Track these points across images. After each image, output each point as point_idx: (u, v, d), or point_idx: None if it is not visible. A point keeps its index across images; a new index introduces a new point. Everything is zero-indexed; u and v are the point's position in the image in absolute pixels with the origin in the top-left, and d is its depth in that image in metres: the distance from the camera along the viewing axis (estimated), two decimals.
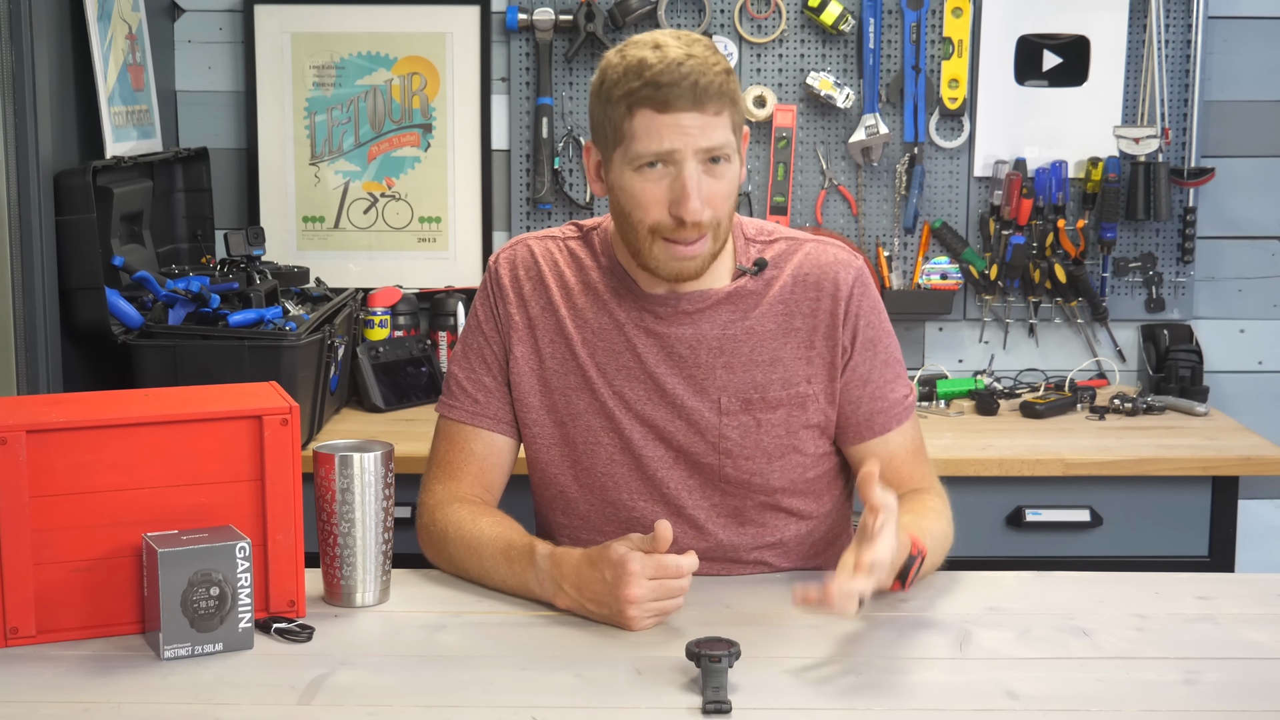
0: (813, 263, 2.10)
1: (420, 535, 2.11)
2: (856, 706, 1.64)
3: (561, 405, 2.10)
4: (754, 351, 2.08)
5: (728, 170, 1.97)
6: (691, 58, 1.93)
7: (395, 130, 3.55)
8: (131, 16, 3.23)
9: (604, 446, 2.09)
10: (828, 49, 3.50)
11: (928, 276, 3.53)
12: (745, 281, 2.09)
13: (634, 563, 1.82)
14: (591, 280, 2.10)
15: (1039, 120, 3.53)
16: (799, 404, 2.09)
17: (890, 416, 2.12)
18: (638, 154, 1.95)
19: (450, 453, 2.13)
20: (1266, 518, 3.61)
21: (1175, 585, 2.04)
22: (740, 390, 2.07)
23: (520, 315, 2.12)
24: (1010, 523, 3.02)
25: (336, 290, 3.37)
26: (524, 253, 2.15)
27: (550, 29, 3.45)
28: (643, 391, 2.08)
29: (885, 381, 2.11)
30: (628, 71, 1.95)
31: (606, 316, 2.09)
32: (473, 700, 1.65)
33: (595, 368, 2.09)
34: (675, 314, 2.07)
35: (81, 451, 1.78)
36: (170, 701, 1.65)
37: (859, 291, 2.10)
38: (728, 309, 2.08)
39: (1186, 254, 3.53)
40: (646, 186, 1.96)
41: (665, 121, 1.93)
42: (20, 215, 2.67)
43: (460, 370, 2.15)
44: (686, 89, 1.91)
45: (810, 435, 2.10)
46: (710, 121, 1.93)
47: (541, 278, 2.13)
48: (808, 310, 2.09)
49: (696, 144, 1.93)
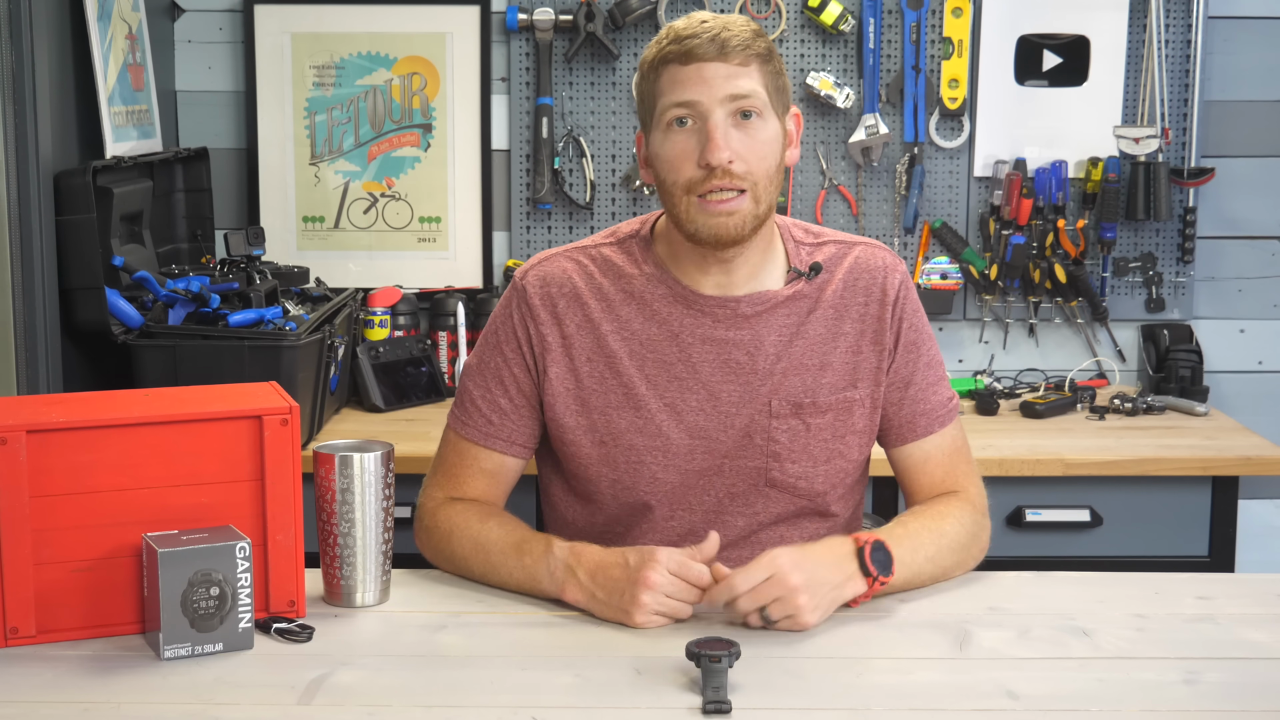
0: (863, 267, 2.09)
1: (419, 535, 2.10)
2: (856, 706, 1.64)
3: (601, 425, 2.06)
4: (805, 355, 2.06)
5: (762, 127, 1.95)
6: (719, 19, 1.96)
7: (395, 130, 3.55)
8: (131, 16, 3.23)
9: (646, 466, 2.06)
10: (828, 49, 3.50)
11: (928, 276, 3.53)
12: (801, 285, 2.07)
13: (662, 552, 1.83)
14: (635, 289, 2.06)
15: (1039, 120, 3.53)
16: (846, 408, 2.07)
17: (933, 419, 2.11)
18: (664, 109, 1.95)
19: (458, 466, 2.11)
20: (1266, 518, 3.61)
21: (1175, 585, 2.03)
22: (792, 394, 2.05)
23: (554, 334, 2.07)
24: (1010, 523, 3.02)
25: (336, 290, 3.37)
26: (555, 269, 2.09)
27: (550, 29, 3.45)
28: (695, 401, 2.05)
29: (928, 384, 2.10)
30: (659, 40, 1.99)
31: (656, 326, 2.05)
32: (473, 700, 1.65)
33: (645, 380, 2.05)
34: (734, 317, 2.04)
35: (81, 451, 1.78)
36: (170, 701, 1.65)
37: (904, 295, 2.09)
38: (784, 312, 2.06)
39: (1186, 254, 3.53)
40: (676, 143, 1.95)
41: (688, 73, 1.94)
42: (20, 215, 2.67)
43: (475, 388, 2.11)
44: (707, 40, 1.93)
45: (855, 440, 2.09)
46: (735, 71, 1.93)
47: (577, 294, 2.07)
48: (857, 315, 2.08)
49: (720, 91, 1.92)
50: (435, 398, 3.39)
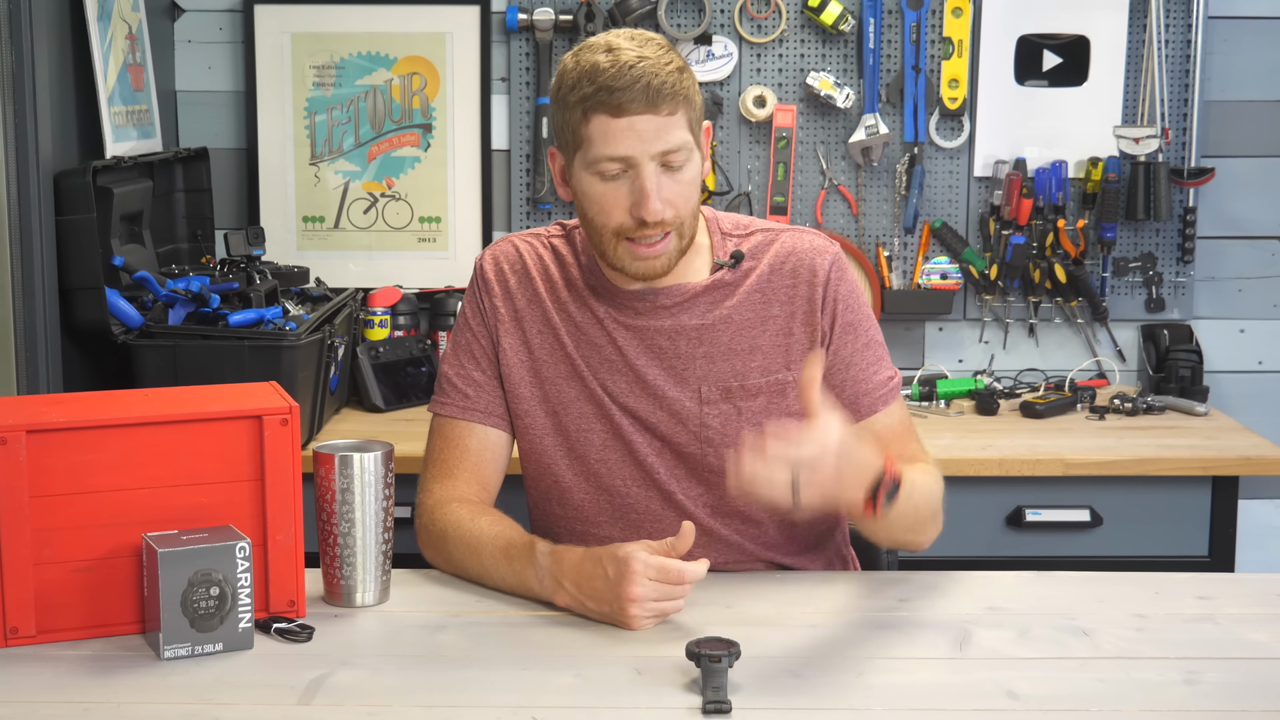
0: (789, 250, 2.11)
1: (419, 535, 2.11)
2: (856, 706, 1.64)
3: (553, 394, 2.12)
4: (732, 340, 2.09)
5: (688, 169, 1.98)
6: (644, 59, 1.94)
7: (395, 130, 3.55)
8: (131, 16, 3.23)
9: (596, 433, 2.11)
10: (828, 49, 3.50)
11: (928, 276, 3.53)
12: (723, 275, 2.10)
13: (637, 561, 1.82)
14: (573, 277, 2.13)
15: (1039, 120, 3.53)
16: (779, 391, 2.09)
17: (876, 399, 2.11)
18: (595, 158, 1.96)
19: (445, 451, 2.13)
20: (1266, 518, 3.61)
21: (1175, 585, 2.04)
22: (720, 379, 2.08)
23: (507, 308, 2.14)
24: (1010, 523, 3.02)
25: (336, 290, 3.37)
26: (508, 249, 2.17)
27: (550, 29, 3.45)
28: (625, 384, 2.10)
29: (868, 364, 2.11)
30: (581, 76, 1.96)
31: (588, 312, 2.11)
32: (473, 700, 1.65)
33: (581, 360, 2.11)
34: (653, 308, 2.09)
35: (81, 451, 1.78)
36: (170, 701, 1.65)
37: (836, 276, 2.10)
38: (705, 300, 2.09)
39: (1186, 254, 3.53)
40: (607, 191, 1.98)
41: (620, 126, 1.94)
42: (20, 215, 2.67)
43: (450, 368, 2.16)
44: (639, 92, 1.92)
45: (792, 423, 2.09)
46: (665, 123, 1.95)
47: (527, 271, 2.15)
48: (785, 297, 2.10)
49: (652, 148, 1.94)
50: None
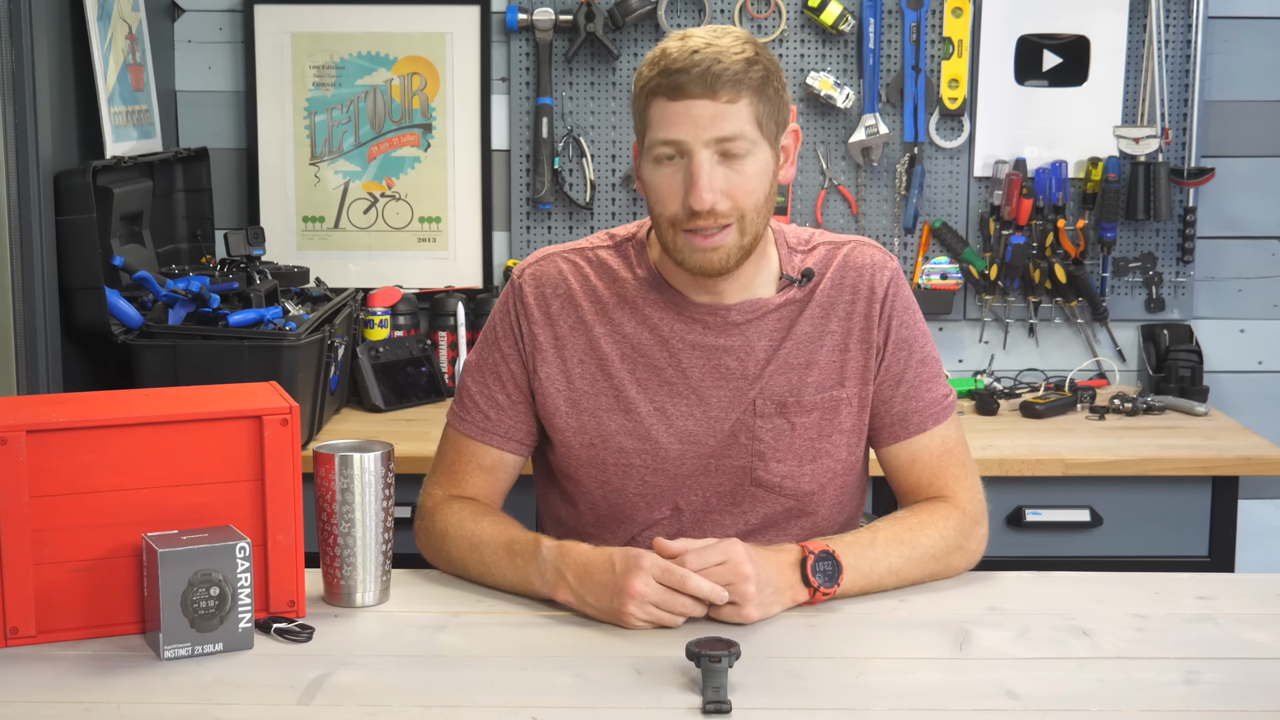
0: (851, 265, 2.08)
1: (418, 535, 2.11)
2: (856, 706, 1.64)
3: (591, 426, 2.07)
4: (791, 355, 2.05)
5: (749, 162, 1.93)
6: (712, 46, 1.91)
7: (395, 130, 3.55)
8: (131, 16, 3.23)
9: (635, 469, 2.06)
10: (828, 49, 3.50)
11: (928, 276, 3.53)
12: (794, 292, 2.06)
13: (647, 559, 1.82)
14: (628, 293, 2.06)
15: (1039, 120, 3.53)
16: (832, 407, 2.07)
17: (926, 417, 2.08)
18: (652, 143, 1.94)
19: (457, 462, 2.12)
20: (1266, 518, 3.61)
21: (1175, 585, 2.03)
22: (776, 393, 2.05)
23: (546, 336, 2.08)
24: (1010, 523, 3.02)
25: (336, 290, 3.37)
26: (551, 269, 2.10)
27: (550, 29, 3.45)
28: (685, 406, 2.05)
29: (920, 381, 2.08)
30: (650, 64, 1.95)
31: (648, 330, 2.05)
32: (473, 700, 1.65)
33: (635, 384, 2.05)
34: (725, 325, 2.04)
35: (81, 451, 1.78)
36: (170, 701, 1.65)
37: (893, 293, 2.08)
38: (775, 318, 2.05)
39: (1186, 254, 3.53)
40: (663, 177, 1.94)
41: (676, 110, 1.91)
42: (20, 215, 2.67)
43: (474, 384, 2.11)
44: (697, 75, 1.89)
45: (842, 440, 2.08)
46: (724, 110, 1.90)
47: (571, 295, 2.08)
48: (844, 313, 2.07)
49: (706, 134, 1.90)
50: (435, 398, 3.39)
